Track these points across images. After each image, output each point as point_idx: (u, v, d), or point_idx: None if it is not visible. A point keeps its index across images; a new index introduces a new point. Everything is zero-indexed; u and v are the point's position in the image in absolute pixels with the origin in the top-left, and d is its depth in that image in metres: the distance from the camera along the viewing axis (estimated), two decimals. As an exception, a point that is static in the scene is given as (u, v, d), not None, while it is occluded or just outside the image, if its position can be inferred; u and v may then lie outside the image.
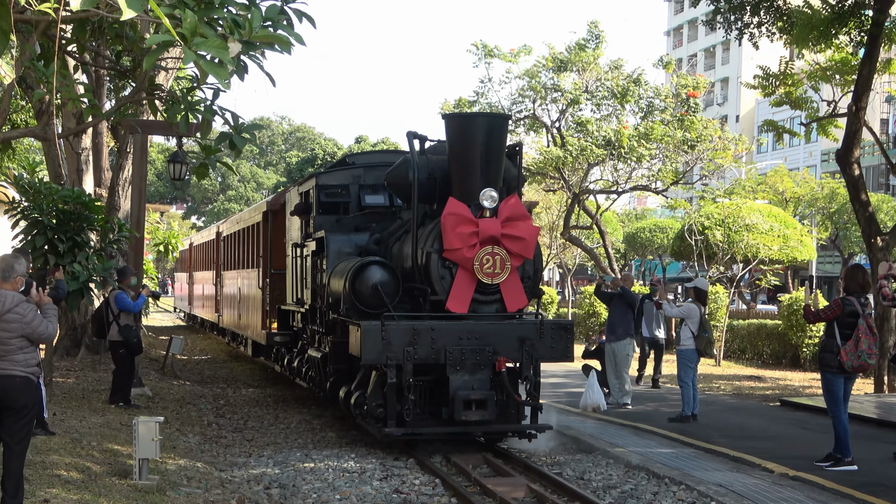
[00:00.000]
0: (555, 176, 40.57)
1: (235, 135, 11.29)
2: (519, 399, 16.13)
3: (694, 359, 20.08)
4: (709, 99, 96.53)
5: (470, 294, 16.11)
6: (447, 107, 42.35)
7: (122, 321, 20.00)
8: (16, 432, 10.34)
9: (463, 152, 16.25)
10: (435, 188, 16.80)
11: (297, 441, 18.19)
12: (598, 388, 21.76)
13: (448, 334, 15.87)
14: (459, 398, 15.69)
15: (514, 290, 16.35)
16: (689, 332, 19.94)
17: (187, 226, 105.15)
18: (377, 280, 16.37)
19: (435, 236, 16.28)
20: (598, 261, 43.81)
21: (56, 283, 16.89)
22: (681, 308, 20.67)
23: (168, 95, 13.37)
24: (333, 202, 19.90)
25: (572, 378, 28.53)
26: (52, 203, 19.12)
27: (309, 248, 20.44)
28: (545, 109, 41.53)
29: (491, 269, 16.07)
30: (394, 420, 15.89)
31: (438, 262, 16.20)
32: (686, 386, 19.95)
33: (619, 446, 16.86)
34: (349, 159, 21.55)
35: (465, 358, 15.84)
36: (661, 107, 39.78)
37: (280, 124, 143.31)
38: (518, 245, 16.28)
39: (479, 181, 16.11)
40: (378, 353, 15.61)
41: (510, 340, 16.12)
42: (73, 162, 28.03)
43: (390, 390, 15.83)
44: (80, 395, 20.41)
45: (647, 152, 38.13)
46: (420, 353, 15.73)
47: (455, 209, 16.05)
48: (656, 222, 75.32)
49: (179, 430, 18.12)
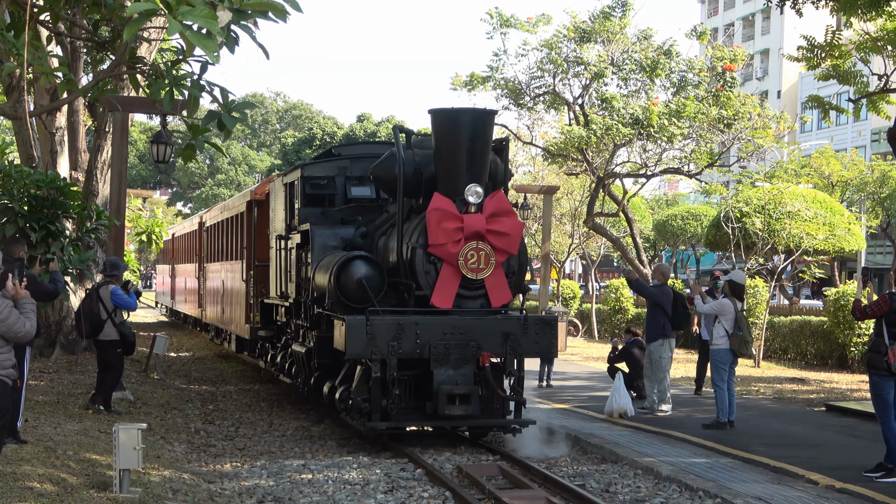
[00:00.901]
0: (577, 158, 40.52)
1: (225, 113, 11.29)
2: (502, 394, 17.57)
3: (728, 360, 20.05)
4: (747, 73, 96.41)
5: (454, 289, 17.50)
6: (458, 81, 42.26)
7: (117, 318, 20.01)
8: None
9: (448, 147, 17.59)
10: (421, 183, 18.16)
11: (294, 450, 18.21)
12: (624, 392, 21.73)
13: (432, 329, 17.20)
14: (443, 392, 17.08)
15: (498, 285, 17.74)
16: (723, 330, 19.92)
17: (172, 213, 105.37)
18: (362, 275, 17.78)
19: (420, 231, 17.66)
20: (625, 251, 43.77)
21: (51, 275, 16.82)
22: (713, 304, 20.62)
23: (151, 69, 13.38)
24: (319, 194, 21.15)
25: (596, 380, 28.59)
26: (23, 188, 19.15)
27: (293, 241, 21.61)
28: (566, 84, 41.45)
29: (475, 264, 17.46)
30: (378, 414, 17.25)
31: (423, 257, 17.58)
32: (720, 390, 19.94)
33: (648, 455, 16.87)
34: (335, 150, 22.82)
35: (450, 353, 17.22)
36: (694, 81, 39.66)
37: (274, 101, 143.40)
38: (503, 241, 17.60)
39: (465, 176, 17.44)
40: (363, 347, 16.93)
41: (494, 336, 17.48)
42: (46, 143, 28.03)
43: (375, 385, 17.17)
44: (54, 399, 20.39)
45: (678, 131, 38.03)
46: (404, 347, 17.08)
47: (440, 204, 17.41)
48: (689, 209, 75.19)
49: (164, 438, 18.13)
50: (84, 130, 31.87)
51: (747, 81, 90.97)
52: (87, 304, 19.96)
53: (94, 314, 19.82)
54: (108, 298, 19.88)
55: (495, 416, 17.97)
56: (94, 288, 20.13)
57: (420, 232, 17.64)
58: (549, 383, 26.91)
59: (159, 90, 11.57)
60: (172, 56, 13.35)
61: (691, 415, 21.66)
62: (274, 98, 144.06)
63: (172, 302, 53.59)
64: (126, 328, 20.21)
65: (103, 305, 19.83)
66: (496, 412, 17.96)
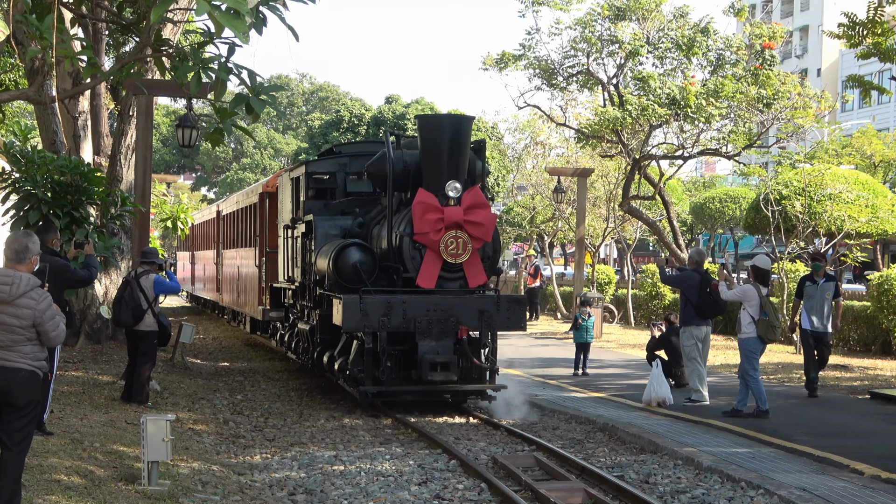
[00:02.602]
0: (612, 139, 40.41)
1: (253, 97, 11.26)
2: (478, 362, 20.74)
3: (757, 348, 19.93)
4: (786, 50, 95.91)
5: (436, 272, 20.72)
6: (489, 60, 42.17)
7: (156, 307, 20.04)
8: (16, 432, 10.39)
9: (431, 149, 20.84)
10: (409, 179, 21.40)
11: (325, 441, 18.24)
12: (663, 380, 21.64)
13: (417, 306, 20.43)
14: (426, 361, 20.18)
15: (475, 268, 20.95)
16: (749, 317, 19.83)
17: (196, 198, 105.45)
18: (356, 259, 21.05)
19: (407, 222, 20.88)
20: (662, 235, 43.66)
21: (86, 258, 16.73)
22: (735, 290, 20.48)
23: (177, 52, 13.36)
24: (321, 188, 24.81)
25: (633, 368, 28.55)
26: (46, 174, 19.17)
27: (299, 230, 25.18)
28: (601, 64, 41.34)
29: (455, 250, 20.68)
30: (370, 381, 20.33)
31: (410, 244, 20.84)
32: (754, 380, 19.83)
33: (688, 445, 16.83)
34: (336, 149, 26.58)
35: (432, 327, 20.39)
36: (732, 60, 39.47)
37: (300, 83, 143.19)
38: (478, 230, 20.79)
39: (446, 174, 20.64)
40: (357, 322, 20.13)
41: (471, 312, 20.69)
42: (69, 127, 28.09)
43: (367, 355, 20.30)
44: (80, 390, 20.46)
45: (716, 112, 37.87)
46: (393, 322, 20.28)
47: (424, 198, 20.56)
48: (727, 191, 74.89)
49: (192, 429, 18.20)
50: (107, 114, 31.92)
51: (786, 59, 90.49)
52: (129, 294, 19.92)
53: (137, 304, 19.81)
54: (150, 287, 19.91)
55: (473, 383, 21.11)
56: (134, 276, 20.06)
57: (407, 222, 20.86)
58: (585, 371, 26.89)
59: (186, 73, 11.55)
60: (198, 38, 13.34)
61: (732, 403, 21.56)
62: (300, 79, 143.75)
63: (192, 287, 55.99)
64: (164, 318, 20.26)
65: (144, 295, 19.85)
66: (474, 381, 21.10)
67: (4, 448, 10.37)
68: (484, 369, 21.07)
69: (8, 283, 10.32)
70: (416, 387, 20.68)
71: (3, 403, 10.32)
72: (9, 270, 10.45)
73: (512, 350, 33.26)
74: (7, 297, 10.29)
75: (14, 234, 10.82)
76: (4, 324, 10.31)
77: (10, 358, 10.31)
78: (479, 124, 68.05)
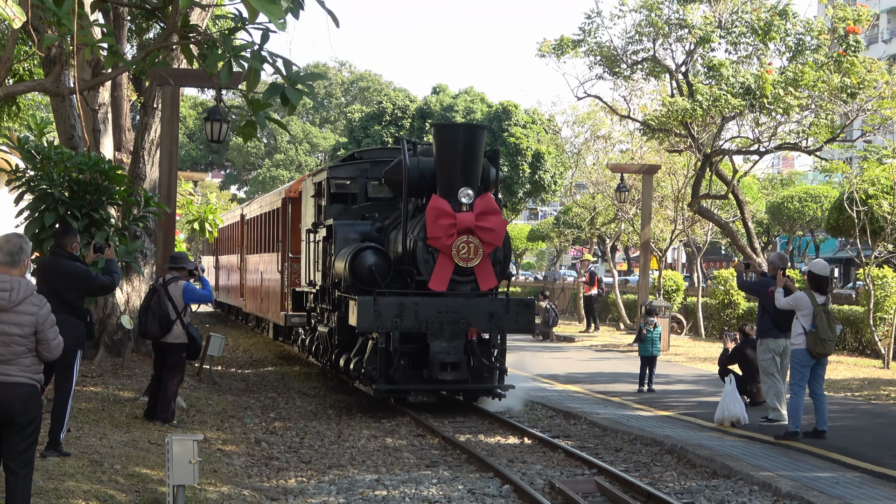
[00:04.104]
0: (681, 133, 40.25)
1: (289, 86, 11.27)
2: (487, 362, 22.97)
3: (805, 361, 19.76)
4: (872, 35, 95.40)
5: (448, 275, 23.06)
6: (546, 47, 42.14)
7: (186, 318, 20.05)
8: (20, 453, 10.44)
9: (446, 156, 23.26)
10: (425, 185, 23.78)
11: (366, 463, 18.27)
12: (737, 398, 21.56)
13: (429, 308, 22.80)
14: (437, 360, 22.57)
15: (486, 272, 23.33)
16: (801, 327, 19.72)
17: (226, 197, 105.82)
18: (371, 263, 23.41)
19: (421, 226, 23.32)
20: (735, 238, 43.46)
21: (107, 263, 16.68)
22: (789, 297, 20.33)
23: (206, 38, 13.40)
24: (343, 193, 27.22)
25: (704, 384, 28.48)
26: (63, 172, 19.20)
27: (320, 235, 27.69)
28: (668, 50, 41.26)
29: (466, 254, 23.01)
30: (383, 379, 22.74)
31: (423, 248, 23.27)
32: (795, 395, 19.69)
33: (764, 469, 16.77)
34: (357, 154, 29.26)
35: (444, 328, 22.76)
36: (813, 45, 39.27)
37: (339, 72, 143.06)
38: (489, 235, 23.12)
39: (459, 181, 23.01)
40: (371, 322, 22.53)
41: (481, 314, 23.06)
42: (88, 121, 28.13)
43: (381, 354, 22.70)
44: (99, 406, 20.49)
45: (795, 102, 37.66)
46: (406, 323, 22.68)
47: (437, 204, 22.93)
48: (807, 189, 74.50)
49: (221, 450, 18.25)
50: (129, 107, 32.03)
51: (872, 44, 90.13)
52: (156, 303, 19.89)
53: (164, 313, 19.80)
54: (180, 296, 19.91)
55: (483, 384, 23.62)
56: (162, 284, 20.07)
57: (421, 227, 23.30)
58: (651, 387, 26.85)
59: (216, 62, 11.59)
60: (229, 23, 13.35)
61: (813, 423, 21.43)
62: (339, 68, 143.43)
63: (217, 293, 57.18)
64: (194, 329, 20.27)
65: (173, 304, 19.89)
66: (485, 381, 23.53)
67: (10, 473, 10.41)
68: (493, 369, 23.34)
69: (7, 288, 10.35)
70: (427, 385, 23.55)
71: (4, 423, 10.35)
72: (5, 276, 10.44)
73: (570, 364, 33.28)
74: (7, 305, 10.32)
75: (6, 235, 10.82)
76: (4, 334, 10.33)
77: (11, 372, 10.33)
78: (535, 116, 68.04)
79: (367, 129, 72.42)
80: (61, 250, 15.95)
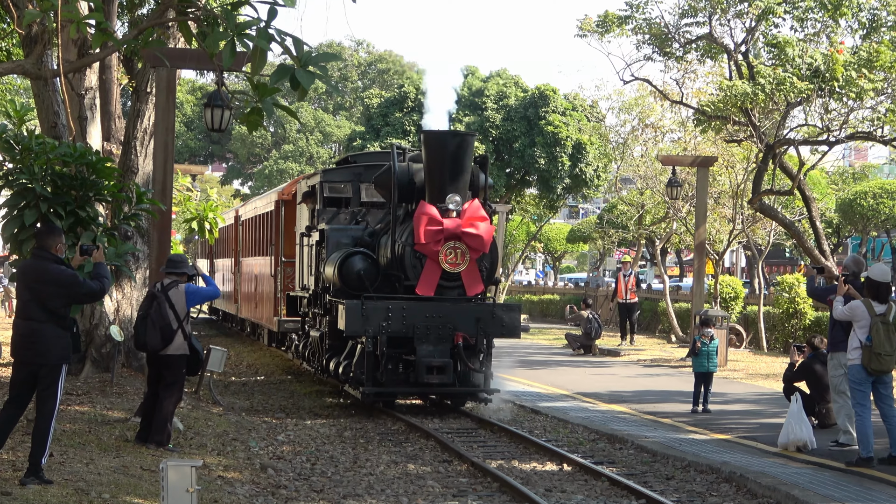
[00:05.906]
0: (740, 121, 40.16)
1: (299, 68, 11.27)
2: (471, 367, 25.58)
3: (862, 378, 19.73)
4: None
5: (436, 280, 25.71)
6: (588, 25, 42.08)
7: (187, 328, 20.02)
8: None
9: (434, 163, 25.90)
10: (414, 191, 26.52)
11: (386, 492, 18.28)
12: (804, 419, 21.50)
13: (416, 312, 25.35)
14: (423, 364, 25.12)
15: (472, 277, 26.02)
16: (857, 340, 19.64)
17: (227, 193, 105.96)
18: (360, 267, 26.35)
19: (409, 232, 25.91)
20: (801, 239, 43.29)
21: (95, 267, 16.53)
22: (846, 307, 20.21)
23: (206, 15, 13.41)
24: (336, 197, 30.27)
25: (766, 404, 28.44)
26: (46, 164, 19.22)
27: (314, 238, 30.47)
28: (726, 27, 41.16)
29: (453, 260, 25.58)
30: (371, 382, 25.46)
31: (411, 253, 25.91)
32: (860, 417, 19.64)
33: (835, 500, 16.75)
34: (351, 158, 33.18)
35: (430, 332, 25.34)
36: (889, 22, 39.18)
37: (356, 52, 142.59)
38: (476, 241, 25.68)
39: (447, 187, 25.67)
40: (359, 326, 25.07)
41: (468, 319, 25.69)
42: (73, 107, 28.12)
43: (368, 357, 25.39)
44: (85, 428, 20.54)
45: (870, 86, 37.52)
46: (393, 327, 25.25)
47: (425, 210, 25.48)
48: (882, 184, 74.31)
49: (223, 477, 18.27)
50: (119, 91, 32.07)
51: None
52: (155, 310, 19.90)
53: (166, 322, 19.81)
54: (182, 302, 19.91)
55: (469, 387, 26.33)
56: (161, 289, 20.05)
57: (409, 232, 25.91)
58: (706, 408, 26.80)
59: (217, 41, 11.60)
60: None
61: (888, 448, 21.39)
62: (355, 48, 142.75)
63: None
64: (196, 340, 20.28)
65: (174, 312, 19.89)
66: (472, 385, 26.27)
67: None
68: (477, 373, 26.08)
69: None
70: (414, 388, 26.27)
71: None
72: None
73: (616, 381, 33.28)
74: None
75: None
76: None
77: None
78: (575, 102, 67.81)
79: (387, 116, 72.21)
80: (44, 252, 15.83)
